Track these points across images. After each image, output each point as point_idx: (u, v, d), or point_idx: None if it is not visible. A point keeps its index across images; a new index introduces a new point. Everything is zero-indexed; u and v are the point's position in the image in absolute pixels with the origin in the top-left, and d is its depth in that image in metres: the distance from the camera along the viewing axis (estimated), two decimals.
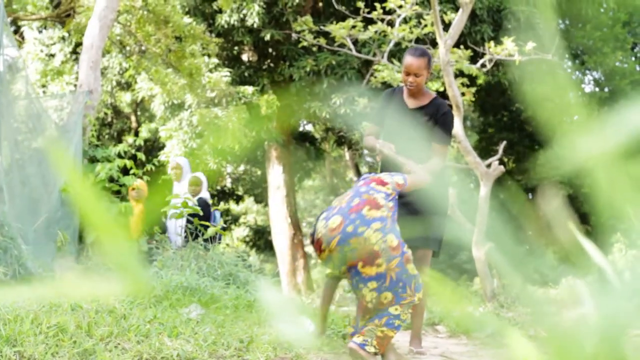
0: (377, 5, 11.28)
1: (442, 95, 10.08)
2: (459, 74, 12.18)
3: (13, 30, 14.94)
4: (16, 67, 8.78)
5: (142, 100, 16.00)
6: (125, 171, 8.95)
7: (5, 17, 7.57)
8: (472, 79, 13.24)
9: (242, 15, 14.03)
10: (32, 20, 14.70)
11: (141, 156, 9.53)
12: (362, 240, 3.79)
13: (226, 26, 14.20)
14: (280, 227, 16.23)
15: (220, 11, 14.16)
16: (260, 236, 22.46)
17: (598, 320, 0.70)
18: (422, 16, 11.45)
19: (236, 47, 15.60)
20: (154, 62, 13.55)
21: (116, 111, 18.44)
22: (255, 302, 5.18)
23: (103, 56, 12.86)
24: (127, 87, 16.51)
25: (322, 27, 12.32)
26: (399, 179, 4.14)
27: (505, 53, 10.53)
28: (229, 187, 21.60)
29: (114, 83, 16.23)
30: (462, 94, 11.13)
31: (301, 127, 18.67)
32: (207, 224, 7.00)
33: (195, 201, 7.76)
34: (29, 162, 8.04)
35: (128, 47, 14.42)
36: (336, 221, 3.89)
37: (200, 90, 13.67)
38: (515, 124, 17.92)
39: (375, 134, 4.72)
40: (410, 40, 11.29)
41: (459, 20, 9.20)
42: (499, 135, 17.47)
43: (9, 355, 2.96)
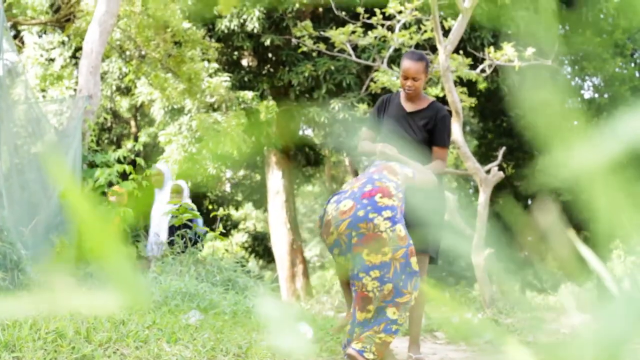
0: (377, 10, 11.29)
1: (442, 101, 10.09)
2: (459, 82, 12.19)
3: (13, 34, 14.95)
4: (16, 72, 8.79)
5: (141, 105, 16.01)
6: (124, 176, 8.95)
7: (5, 21, 7.58)
8: (472, 85, 13.24)
9: (242, 21, 14.04)
10: (32, 24, 14.72)
11: (140, 161, 9.53)
12: (372, 226, 3.80)
13: (226, 31, 14.22)
14: (279, 232, 16.21)
15: (220, 16, 14.17)
16: (260, 242, 22.43)
17: (596, 329, 0.70)
18: (422, 22, 11.47)
19: (236, 52, 15.61)
20: (153, 67, 13.56)
21: (116, 116, 18.44)
22: (254, 308, 5.18)
23: (103, 61, 12.87)
24: (127, 92, 16.51)
25: (322, 33, 12.32)
26: (409, 172, 4.17)
27: (505, 58, 10.54)
28: (228, 192, 21.59)
29: (114, 88, 16.24)
30: (461, 101, 11.13)
31: (301, 133, 18.66)
32: (198, 229, 7.02)
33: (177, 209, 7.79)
34: (29, 166, 8.04)
35: (128, 52, 14.44)
36: (347, 204, 3.91)
37: (200, 95, 13.67)
38: (514, 129, 17.91)
39: (371, 138, 4.71)
40: (410, 46, 11.29)
41: (458, 26, 9.21)
42: (498, 141, 17.46)
43: None
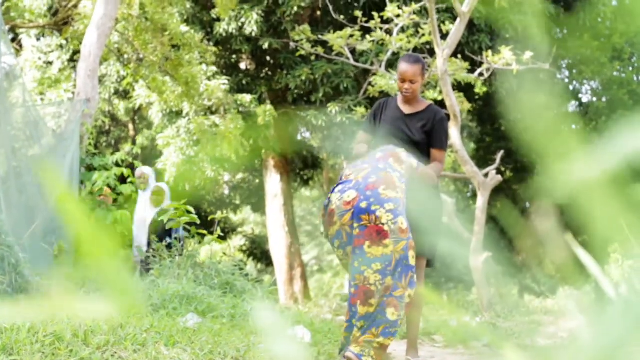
0: (375, 14, 11.30)
1: (440, 104, 10.09)
2: (457, 86, 12.20)
3: (11, 38, 14.97)
4: (14, 75, 8.79)
5: (139, 108, 16.01)
6: (122, 179, 8.96)
7: (3, 24, 7.58)
8: (470, 89, 13.25)
9: (240, 24, 14.05)
10: (30, 28, 14.71)
11: (138, 164, 9.53)
12: (374, 219, 3.80)
13: (224, 34, 14.23)
14: (277, 235, 16.20)
15: (219, 19, 14.18)
16: (258, 245, 22.43)
17: (594, 333, 0.70)
18: (420, 25, 11.48)
19: (234, 56, 15.62)
20: (151, 70, 13.56)
21: (114, 119, 18.44)
22: (252, 312, 5.17)
23: (101, 64, 12.86)
24: (125, 95, 16.51)
25: (320, 36, 12.33)
26: (414, 162, 4.16)
27: (503, 62, 10.56)
28: (226, 196, 21.58)
29: (112, 91, 16.23)
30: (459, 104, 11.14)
31: (299, 136, 18.66)
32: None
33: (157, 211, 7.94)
34: (26, 170, 8.03)
35: (126, 55, 14.43)
36: (351, 195, 3.91)
37: (198, 98, 13.68)
38: (512, 133, 17.90)
39: (367, 142, 4.67)
40: (408, 50, 11.30)
41: (456, 29, 9.22)
42: (496, 144, 17.45)
43: None
